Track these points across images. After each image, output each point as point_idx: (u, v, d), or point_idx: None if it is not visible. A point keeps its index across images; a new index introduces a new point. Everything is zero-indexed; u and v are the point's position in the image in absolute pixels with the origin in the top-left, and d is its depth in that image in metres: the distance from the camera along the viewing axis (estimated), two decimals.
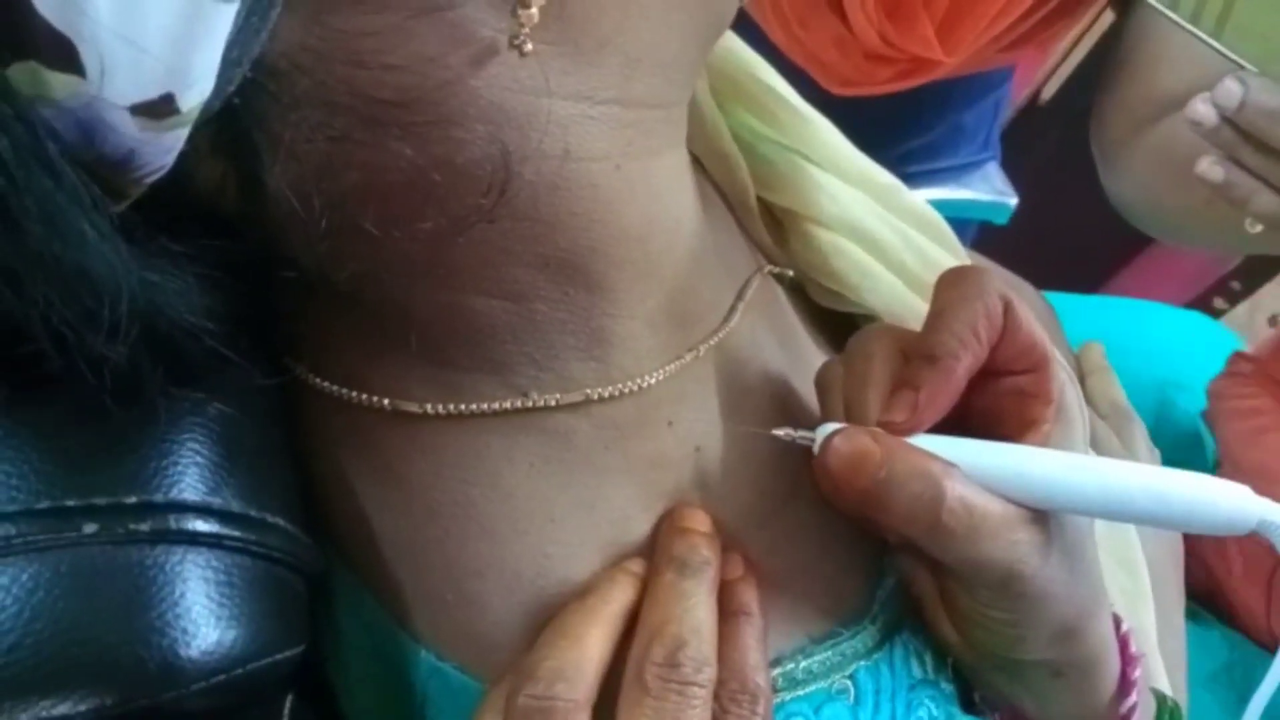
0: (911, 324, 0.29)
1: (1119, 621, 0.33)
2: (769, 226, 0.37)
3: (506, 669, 0.26)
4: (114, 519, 0.22)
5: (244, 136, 0.21)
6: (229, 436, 0.25)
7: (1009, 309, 0.28)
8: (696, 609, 0.26)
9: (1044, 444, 0.28)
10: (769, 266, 0.35)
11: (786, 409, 0.32)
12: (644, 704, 0.24)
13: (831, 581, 0.31)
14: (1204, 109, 0.46)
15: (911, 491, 0.26)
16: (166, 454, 0.23)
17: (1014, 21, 0.63)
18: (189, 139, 0.20)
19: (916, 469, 0.26)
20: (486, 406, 0.27)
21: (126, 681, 0.21)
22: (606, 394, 0.28)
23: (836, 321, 0.38)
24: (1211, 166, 0.48)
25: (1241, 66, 0.45)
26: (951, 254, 0.40)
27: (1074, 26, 0.71)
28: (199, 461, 0.24)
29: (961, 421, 0.28)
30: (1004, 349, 0.28)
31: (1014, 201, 0.79)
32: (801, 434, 0.29)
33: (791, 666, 0.28)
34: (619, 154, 0.25)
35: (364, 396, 0.28)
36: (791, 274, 0.37)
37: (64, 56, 0.17)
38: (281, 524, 0.25)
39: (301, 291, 0.27)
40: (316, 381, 0.28)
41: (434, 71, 0.21)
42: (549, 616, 0.27)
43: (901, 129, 0.72)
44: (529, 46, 0.21)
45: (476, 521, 0.28)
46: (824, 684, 0.29)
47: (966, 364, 0.27)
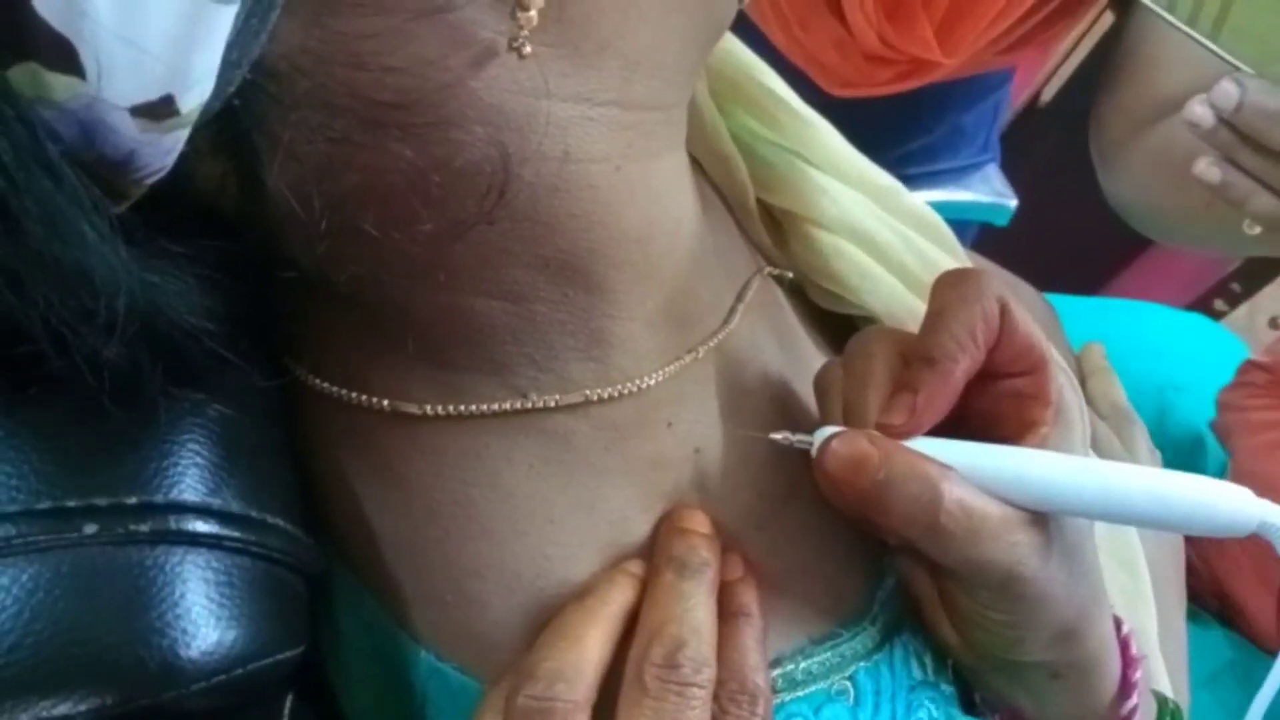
0: (911, 326, 0.30)
1: (1120, 623, 0.33)
2: (769, 228, 0.37)
3: (506, 669, 0.26)
4: (114, 519, 0.22)
5: (244, 138, 0.21)
6: (229, 437, 0.25)
7: (1006, 311, 0.28)
8: (696, 610, 0.26)
9: (1043, 446, 0.28)
10: (769, 268, 0.35)
11: (786, 410, 0.32)
12: (643, 704, 0.24)
13: (831, 582, 0.31)
14: (1201, 110, 0.46)
15: (909, 494, 0.26)
16: (166, 455, 0.23)
17: (1013, 23, 0.63)
18: (189, 140, 0.20)
19: (914, 472, 0.26)
20: (486, 407, 0.27)
21: (126, 682, 0.21)
22: (606, 395, 0.28)
23: (836, 323, 0.38)
24: (1209, 168, 0.48)
25: (1238, 68, 0.45)
26: (951, 256, 0.40)
27: (1073, 28, 0.71)
28: (199, 462, 0.24)
29: (961, 424, 0.28)
30: (1001, 351, 0.28)
31: (1014, 203, 0.79)
32: (799, 437, 0.29)
33: (791, 667, 0.28)
34: (618, 156, 0.25)
35: (364, 397, 0.28)
36: (791, 276, 0.37)
37: (64, 58, 0.17)
38: (281, 524, 0.25)
39: (301, 292, 0.27)
40: (316, 382, 0.28)
41: (434, 74, 0.21)
42: (548, 617, 0.27)
43: (901, 131, 0.72)
44: (528, 49, 0.21)
45: (476, 522, 0.28)
46: (823, 685, 0.29)
47: (964, 367, 0.27)
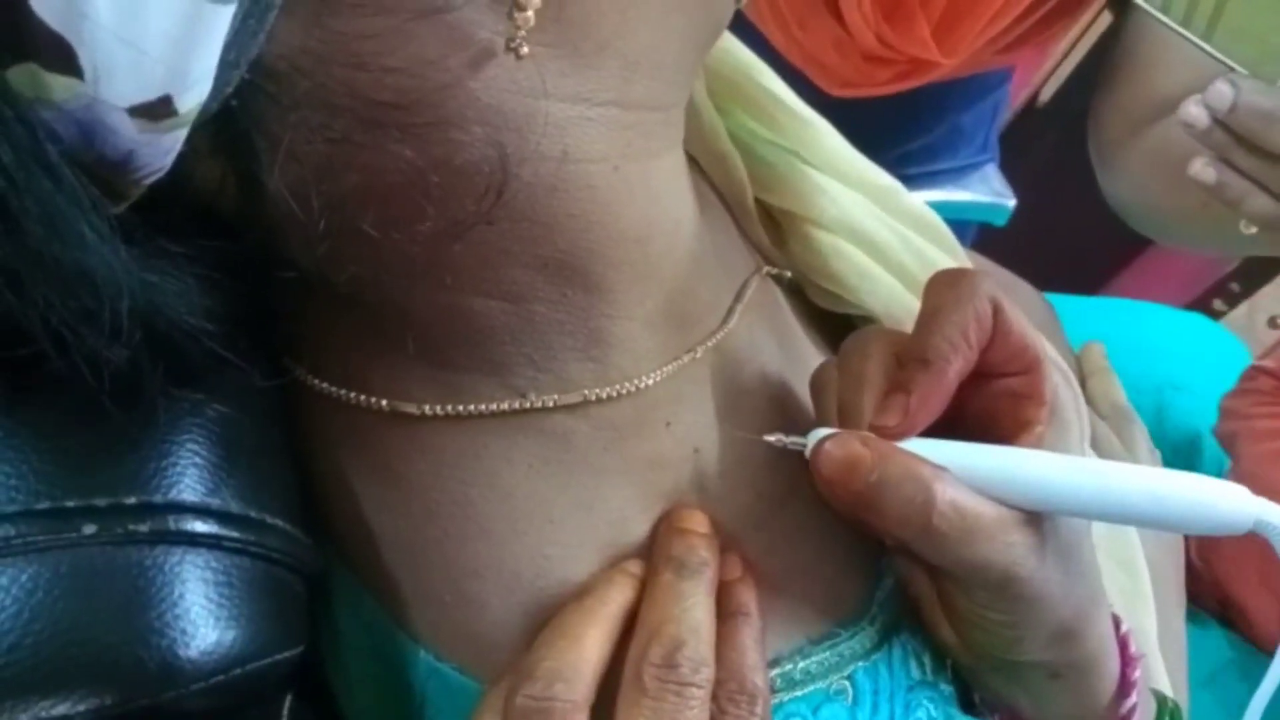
0: (910, 326, 0.30)
1: (1118, 622, 0.33)
2: (767, 228, 0.37)
3: (505, 669, 0.26)
4: (113, 520, 0.22)
5: (243, 138, 0.21)
6: (228, 437, 0.25)
7: (999, 311, 0.28)
8: (694, 609, 0.26)
9: (1038, 445, 0.28)
10: (767, 268, 0.35)
11: (784, 410, 0.32)
12: (642, 704, 0.24)
13: (830, 582, 0.31)
14: (1196, 111, 0.46)
15: (903, 495, 0.26)
16: (166, 455, 0.23)
17: (1011, 23, 0.63)
18: (187, 140, 0.20)
19: (907, 473, 0.26)
20: (485, 407, 0.27)
21: (126, 682, 0.21)
22: (605, 395, 0.28)
23: (835, 323, 0.38)
24: (1204, 168, 0.48)
25: (1232, 68, 0.45)
26: (950, 256, 0.40)
27: (1072, 28, 0.71)
28: (198, 462, 0.24)
29: (956, 424, 0.28)
30: (995, 351, 0.28)
31: (1012, 203, 0.79)
32: (793, 439, 0.29)
33: (790, 667, 0.28)
34: (617, 156, 0.25)
35: (363, 397, 0.28)
36: (790, 275, 0.37)
37: (63, 58, 0.17)
38: (280, 525, 0.25)
39: (300, 292, 0.27)
40: (315, 382, 0.28)
41: (433, 74, 0.21)
42: (547, 617, 0.27)
43: (900, 131, 0.72)
44: (525, 49, 0.21)
45: (475, 522, 0.28)
46: (822, 685, 0.29)
47: (957, 367, 0.27)
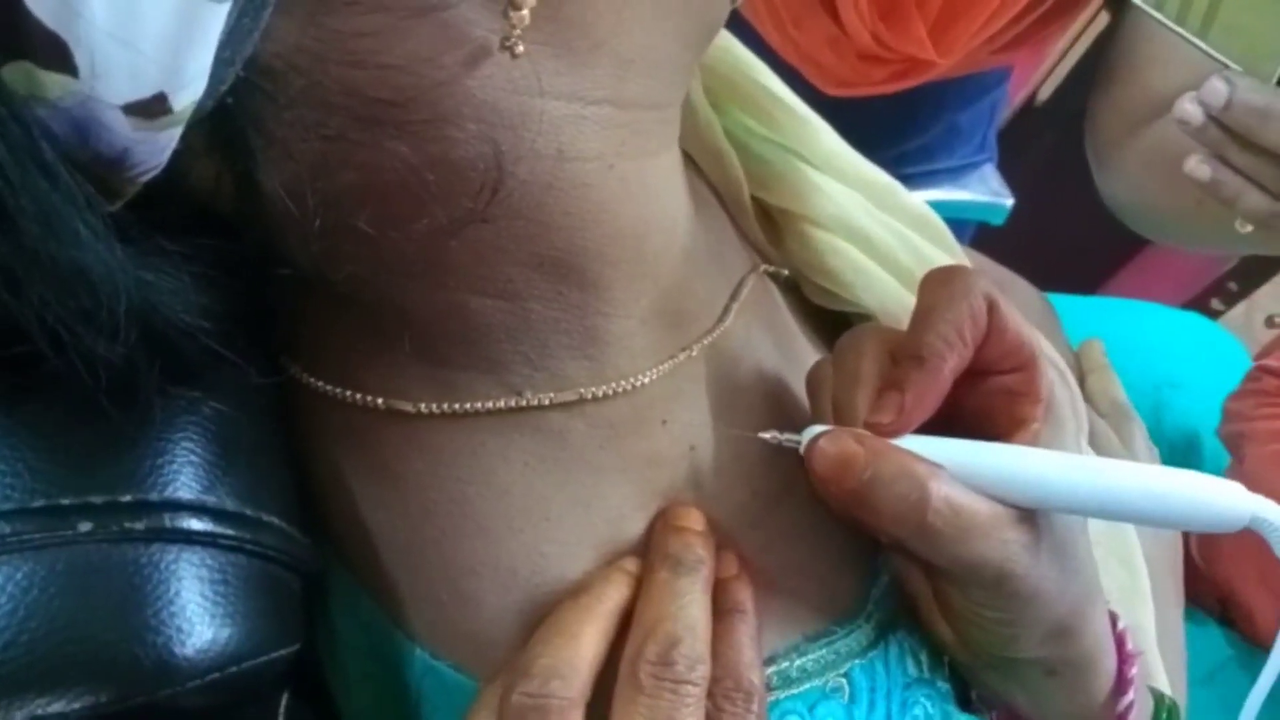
0: (907, 324, 0.30)
1: (1115, 619, 0.33)
2: (764, 226, 0.37)
3: (501, 667, 0.26)
4: (109, 517, 0.22)
5: (238, 136, 0.21)
6: (224, 435, 0.25)
7: (994, 308, 0.28)
8: (690, 607, 0.26)
9: (1033, 443, 0.28)
10: (764, 266, 0.35)
11: (780, 408, 0.32)
12: (638, 702, 0.24)
13: (826, 580, 0.31)
14: (1191, 108, 0.46)
15: (897, 493, 0.26)
16: (162, 453, 0.23)
17: (1008, 22, 0.63)
18: (183, 138, 0.20)
19: (902, 470, 0.26)
20: (481, 405, 0.27)
21: (122, 679, 0.21)
22: (601, 393, 0.28)
23: (832, 320, 0.38)
24: (1199, 165, 0.48)
25: (1227, 66, 0.45)
26: (948, 253, 0.40)
27: (1069, 27, 0.71)
28: (194, 460, 0.24)
29: (952, 421, 0.28)
30: (990, 348, 0.28)
31: (1010, 203, 0.79)
32: (787, 437, 0.29)
33: (786, 665, 0.28)
34: (612, 154, 0.25)
35: (359, 396, 0.28)
36: (786, 273, 0.37)
37: (58, 56, 0.17)
38: (277, 523, 0.25)
39: (297, 290, 0.27)
40: (312, 381, 0.28)
41: (429, 71, 0.21)
42: (544, 615, 0.27)
43: (897, 130, 0.72)
44: (520, 48, 0.21)
45: (472, 520, 0.28)
46: (818, 682, 0.29)
47: (952, 364, 0.27)
